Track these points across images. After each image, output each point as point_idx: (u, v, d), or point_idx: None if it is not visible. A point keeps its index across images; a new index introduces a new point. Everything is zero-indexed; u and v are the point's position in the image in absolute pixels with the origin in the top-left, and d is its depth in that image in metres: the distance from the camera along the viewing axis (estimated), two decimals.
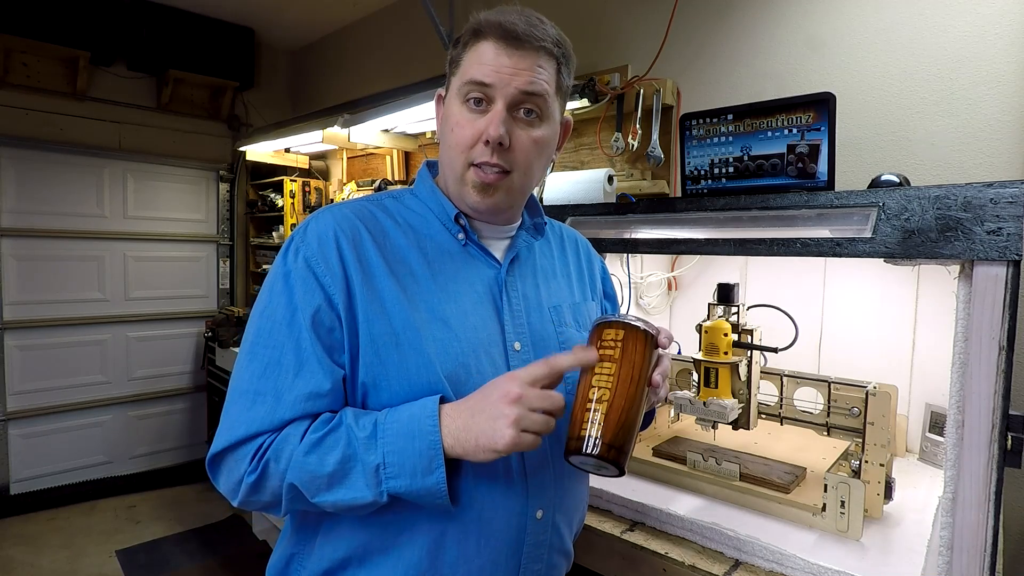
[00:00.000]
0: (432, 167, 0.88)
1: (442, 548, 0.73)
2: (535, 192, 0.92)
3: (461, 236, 0.81)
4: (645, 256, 1.72)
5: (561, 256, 0.96)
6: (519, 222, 0.89)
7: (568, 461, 0.68)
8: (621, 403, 0.65)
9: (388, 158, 3.15)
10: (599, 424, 0.64)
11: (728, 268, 1.68)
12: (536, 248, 0.91)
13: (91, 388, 3.39)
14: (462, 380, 0.73)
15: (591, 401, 0.66)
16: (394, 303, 0.73)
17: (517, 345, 0.79)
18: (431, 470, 0.66)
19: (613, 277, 1.61)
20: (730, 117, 1.19)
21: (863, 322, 1.48)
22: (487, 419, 0.65)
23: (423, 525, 0.72)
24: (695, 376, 1.18)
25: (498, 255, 0.84)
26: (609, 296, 1.05)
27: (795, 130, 1.11)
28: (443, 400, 0.70)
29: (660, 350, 0.74)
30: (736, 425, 1.16)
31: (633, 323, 0.70)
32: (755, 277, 1.64)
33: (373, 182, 3.05)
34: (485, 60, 0.74)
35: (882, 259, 0.88)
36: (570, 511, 0.85)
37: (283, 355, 0.70)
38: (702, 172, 1.24)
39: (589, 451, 0.64)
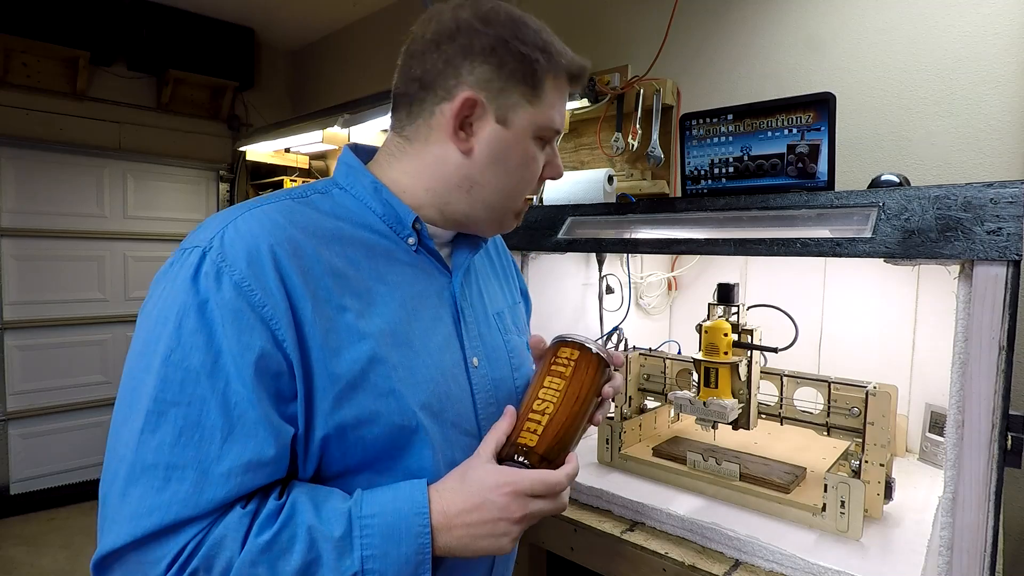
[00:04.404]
0: (359, 152, 0.74)
1: None
2: None
3: (412, 241, 0.70)
4: (645, 256, 1.72)
5: (486, 256, 0.88)
6: None
7: (499, 461, 0.65)
8: (562, 419, 0.67)
9: None
10: (537, 435, 0.65)
11: (728, 268, 1.68)
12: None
13: (91, 388, 3.39)
14: (436, 411, 0.66)
15: (534, 412, 0.67)
16: (352, 330, 0.62)
17: (475, 361, 0.73)
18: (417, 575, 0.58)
19: (613, 277, 1.61)
20: (730, 117, 1.19)
21: (863, 322, 1.47)
22: (492, 539, 0.61)
23: None
24: (695, 376, 1.18)
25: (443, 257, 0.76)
26: (524, 292, 0.98)
27: (795, 130, 1.11)
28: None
29: (611, 369, 0.74)
30: (736, 425, 1.16)
31: (588, 346, 0.71)
32: (755, 277, 1.64)
33: None
34: (561, 103, 0.72)
35: (882, 259, 0.88)
36: None
37: (204, 415, 0.54)
38: (702, 172, 1.24)
39: (521, 460, 0.64)
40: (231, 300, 0.56)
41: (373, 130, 2.77)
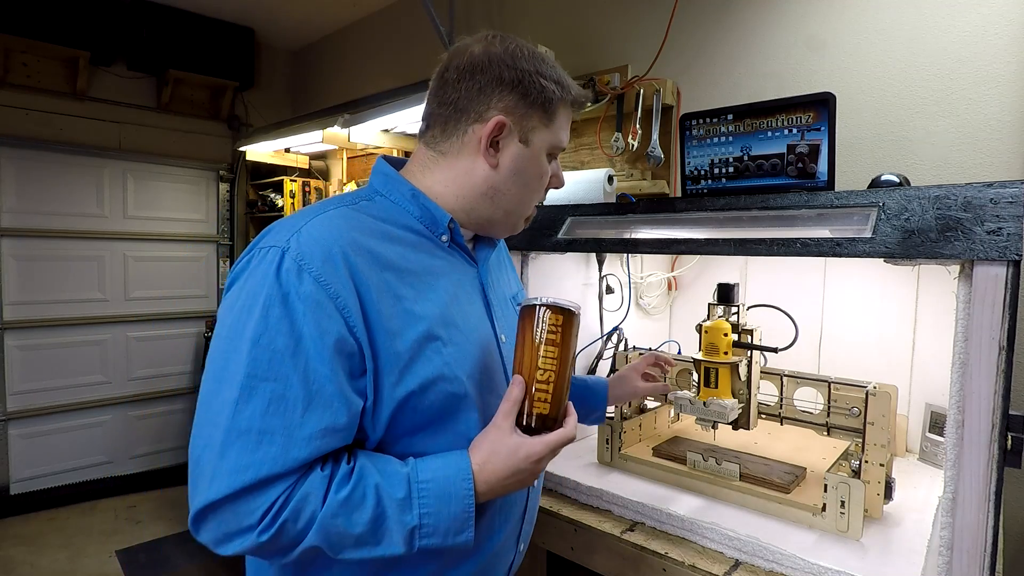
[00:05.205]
0: (392, 163, 0.85)
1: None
2: None
3: (445, 238, 0.81)
4: (645, 256, 1.72)
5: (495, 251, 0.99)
6: None
7: (521, 428, 0.75)
8: (562, 383, 0.75)
9: None
10: (547, 404, 0.74)
11: (728, 268, 1.68)
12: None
13: (91, 388, 3.39)
14: (478, 379, 0.78)
15: (538, 381, 0.74)
16: (409, 314, 0.72)
17: (503, 337, 0.86)
18: (463, 530, 0.70)
19: (613, 277, 1.61)
20: (730, 117, 1.19)
21: (863, 322, 1.48)
22: (525, 479, 0.74)
23: None
24: (695, 376, 1.18)
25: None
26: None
27: (795, 130, 1.11)
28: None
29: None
30: (736, 425, 1.16)
31: (570, 308, 0.75)
32: (755, 277, 1.64)
33: None
34: (568, 125, 0.85)
35: (882, 259, 0.88)
36: None
37: (288, 388, 0.64)
38: (702, 172, 1.24)
39: (537, 427, 0.74)
40: (311, 293, 0.66)
41: (373, 130, 2.77)
